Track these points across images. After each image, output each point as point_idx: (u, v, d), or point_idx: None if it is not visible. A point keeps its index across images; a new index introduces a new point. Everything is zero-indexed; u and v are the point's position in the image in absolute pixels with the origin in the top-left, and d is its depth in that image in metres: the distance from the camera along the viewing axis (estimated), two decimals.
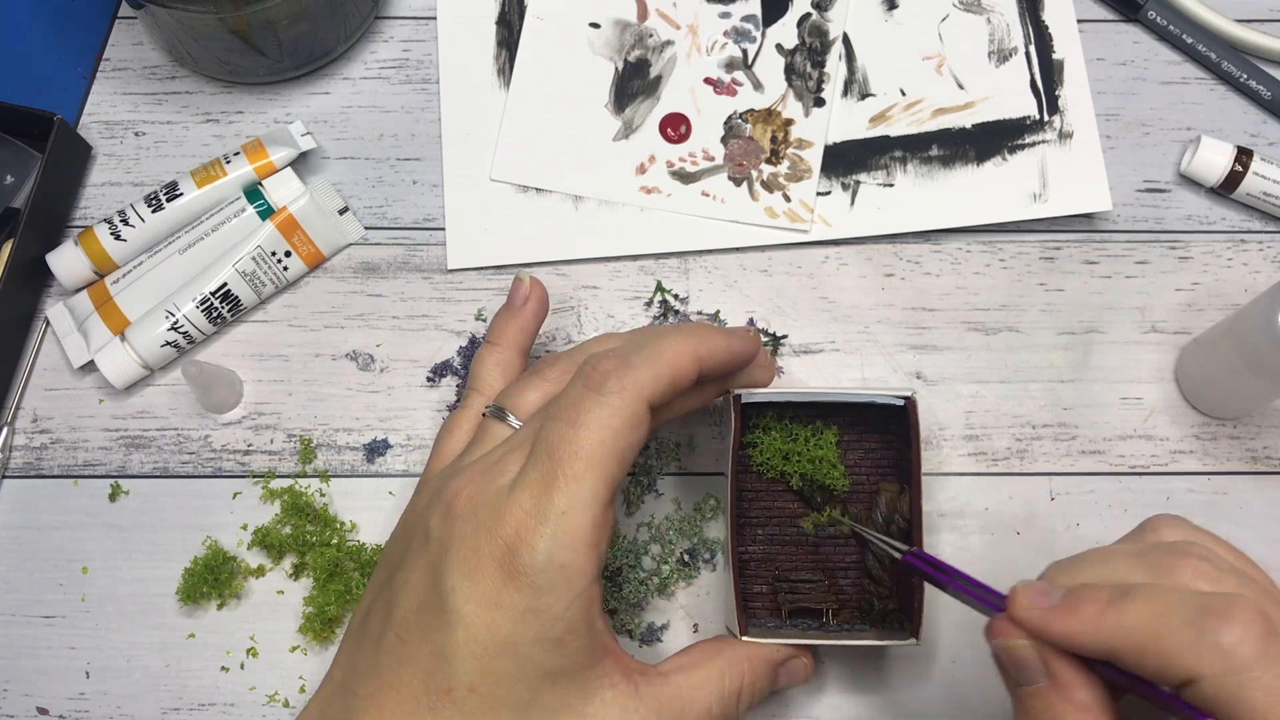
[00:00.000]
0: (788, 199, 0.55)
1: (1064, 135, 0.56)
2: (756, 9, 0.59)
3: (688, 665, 0.40)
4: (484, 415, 0.43)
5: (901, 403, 0.44)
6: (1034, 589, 0.34)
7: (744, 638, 0.42)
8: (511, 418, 0.41)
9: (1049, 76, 0.57)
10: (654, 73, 0.57)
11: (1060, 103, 0.57)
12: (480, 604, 0.35)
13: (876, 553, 0.45)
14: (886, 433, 0.47)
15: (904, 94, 0.57)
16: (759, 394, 0.44)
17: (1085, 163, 0.55)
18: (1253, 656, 0.29)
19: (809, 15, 0.58)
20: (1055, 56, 0.57)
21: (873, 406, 0.45)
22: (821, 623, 0.45)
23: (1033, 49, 0.58)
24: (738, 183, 0.55)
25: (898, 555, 0.42)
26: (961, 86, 0.57)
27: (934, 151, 0.56)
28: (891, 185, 0.55)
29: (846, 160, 0.56)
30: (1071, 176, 0.55)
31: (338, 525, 0.50)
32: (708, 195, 0.55)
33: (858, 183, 0.56)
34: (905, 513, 0.45)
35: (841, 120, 0.57)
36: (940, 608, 0.48)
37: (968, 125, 0.56)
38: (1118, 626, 0.31)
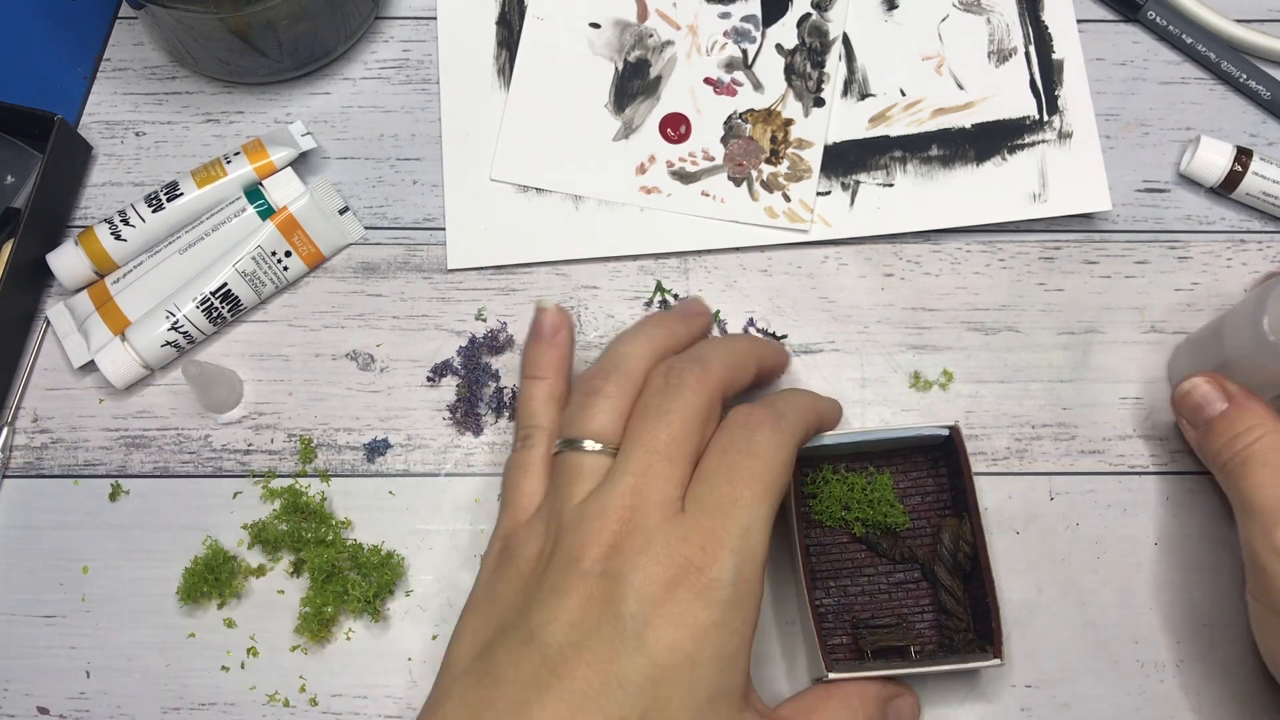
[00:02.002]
0: (788, 199, 0.55)
1: (1063, 135, 0.56)
2: (756, 9, 0.59)
3: (805, 709, 0.42)
4: (555, 454, 0.42)
5: (946, 433, 0.46)
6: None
7: (830, 674, 0.43)
8: (589, 444, 0.41)
9: (1049, 76, 0.57)
10: (654, 73, 0.57)
11: (1060, 103, 0.57)
12: (663, 625, 0.36)
13: (947, 585, 0.46)
14: (939, 471, 0.48)
15: (904, 94, 0.57)
16: (808, 444, 0.45)
17: (1085, 163, 0.55)
18: None
19: (809, 15, 0.58)
20: (1055, 56, 0.57)
21: (923, 448, 0.47)
22: (907, 659, 0.46)
23: (1032, 49, 0.58)
24: (738, 183, 0.55)
25: None
26: (961, 86, 0.57)
27: (934, 151, 0.56)
28: (891, 185, 0.55)
29: (846, 160, 0.56)
30: (1071, 176, 0.55)
31: (335, 524, 0.50)
32: (708, 195, 0.55)
33: (857, 183, 0.56)
34: (969, 538, 0.46)
35: (841, 120, 0.57)
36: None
37: (967, 125, 0.56)
38: None
